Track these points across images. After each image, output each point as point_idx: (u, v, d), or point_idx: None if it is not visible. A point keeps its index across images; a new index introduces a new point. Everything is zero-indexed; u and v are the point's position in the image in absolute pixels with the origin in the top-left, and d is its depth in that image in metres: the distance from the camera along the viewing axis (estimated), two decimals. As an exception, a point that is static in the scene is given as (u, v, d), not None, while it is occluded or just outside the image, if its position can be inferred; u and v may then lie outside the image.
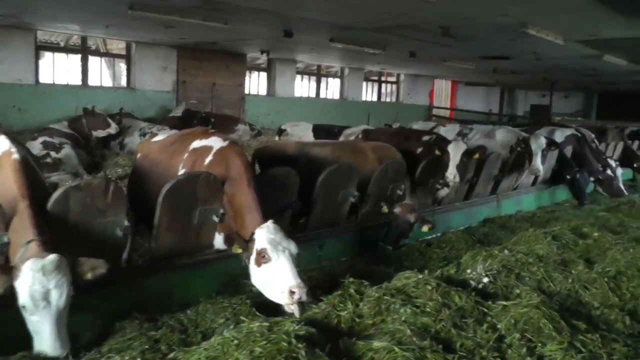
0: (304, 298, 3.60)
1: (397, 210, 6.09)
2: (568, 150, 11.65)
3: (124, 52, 16.59)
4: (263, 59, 19.45)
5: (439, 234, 7.15)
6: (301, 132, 11.95)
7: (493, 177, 8.61)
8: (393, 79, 24.72)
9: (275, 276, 3.66)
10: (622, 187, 11.48)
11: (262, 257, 3.72)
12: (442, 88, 27.61)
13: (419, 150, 7.41)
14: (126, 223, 3.98)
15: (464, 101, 28.11)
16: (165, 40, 15.49)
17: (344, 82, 21.78)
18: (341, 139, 8.89)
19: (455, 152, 6.84)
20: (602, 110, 30.33)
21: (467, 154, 6.94)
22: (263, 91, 19.92)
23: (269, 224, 3.88)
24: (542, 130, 12.21)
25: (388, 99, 25.12)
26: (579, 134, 12.00)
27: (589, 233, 5.94)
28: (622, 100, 28.43)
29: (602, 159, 12.16)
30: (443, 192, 7.49)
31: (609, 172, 11.43)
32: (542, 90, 28.73)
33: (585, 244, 5.50)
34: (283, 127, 12.70)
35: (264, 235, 3.79)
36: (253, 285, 3.97)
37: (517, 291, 4.13)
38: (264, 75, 19.88)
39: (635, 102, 27.45)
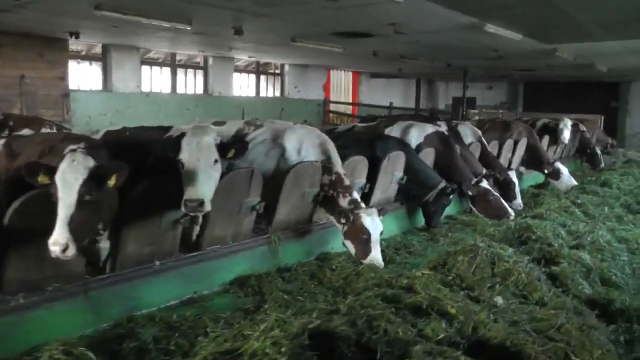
0: None
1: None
2: (428, 155, 8.46)
3: None
4: (97, 46, 15.64)
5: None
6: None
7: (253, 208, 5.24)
8: (277, 70, 20.98)
9: None
10: (507, 204, 8.31)
11: None
12: (342, 80, 23.93)
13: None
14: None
15: (378, 95, 24.56)
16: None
17: (208, 73, 17.99)
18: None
19: (67, 187, 3.33)
20: (529, 101, 28.17)
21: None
22: (99, 86, 16.03)
23: None
24: (395, 127, 9.02)
25: (271, 94, 21.43)
26: (446, 132, 8.86)
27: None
28: (547, 90, 26.44)
29: (496, 164, 9.18)
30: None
31: (484, 184, 8.30)
32: (460, 81, 25.75)
33: None
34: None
35: None
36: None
37: None
38: (99, 66, 15.96)
39: (560, 92, 25.51)
